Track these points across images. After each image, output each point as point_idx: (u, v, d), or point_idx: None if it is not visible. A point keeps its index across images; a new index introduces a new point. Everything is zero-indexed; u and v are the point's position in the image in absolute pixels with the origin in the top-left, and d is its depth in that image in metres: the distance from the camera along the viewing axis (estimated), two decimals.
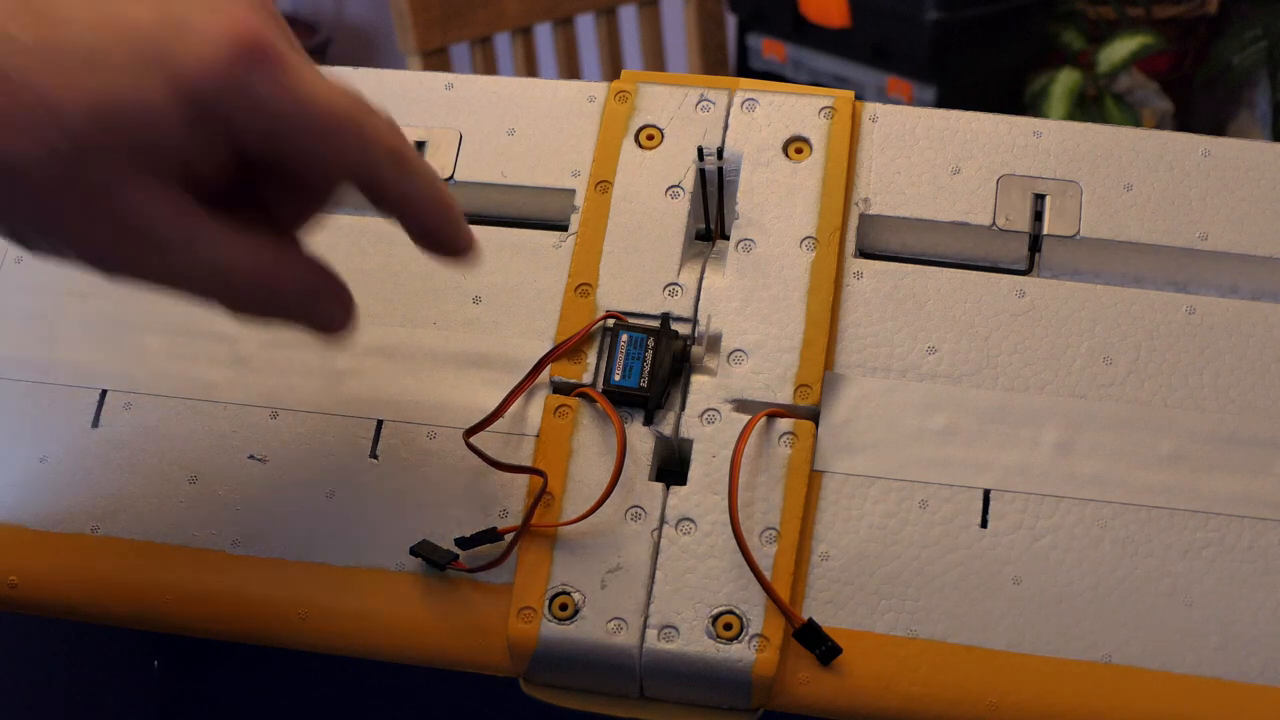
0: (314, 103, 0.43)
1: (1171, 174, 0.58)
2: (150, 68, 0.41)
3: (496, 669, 0.53)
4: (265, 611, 0.54)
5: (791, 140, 0.59)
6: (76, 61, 0.41)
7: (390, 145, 0.45)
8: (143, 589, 0.54)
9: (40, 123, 0.40)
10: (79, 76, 0.41)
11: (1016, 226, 0.58)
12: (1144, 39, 1.80)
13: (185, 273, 0.44)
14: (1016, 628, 0.52)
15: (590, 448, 0.55)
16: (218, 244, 0.44)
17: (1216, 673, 0.51)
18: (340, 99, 0.44)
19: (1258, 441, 0.54)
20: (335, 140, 0.44)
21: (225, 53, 0.42)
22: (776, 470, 0.54)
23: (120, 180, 0.42)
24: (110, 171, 0.42)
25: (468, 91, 0.62)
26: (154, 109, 0.41)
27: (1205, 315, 0.56)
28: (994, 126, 0.60)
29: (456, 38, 1.66)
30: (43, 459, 0.57)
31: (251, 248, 0.45)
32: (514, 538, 0.53)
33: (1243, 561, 0.52)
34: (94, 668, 0.68)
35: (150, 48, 0.41)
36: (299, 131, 0.43)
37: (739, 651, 0.51)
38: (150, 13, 0.42)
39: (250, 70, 0.42)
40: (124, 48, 0.41)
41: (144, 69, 0.41)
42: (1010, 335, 0.56)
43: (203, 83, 0.42)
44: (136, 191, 0.42)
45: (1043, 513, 0.53)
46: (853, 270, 0.58)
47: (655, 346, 0.55)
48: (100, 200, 0.42)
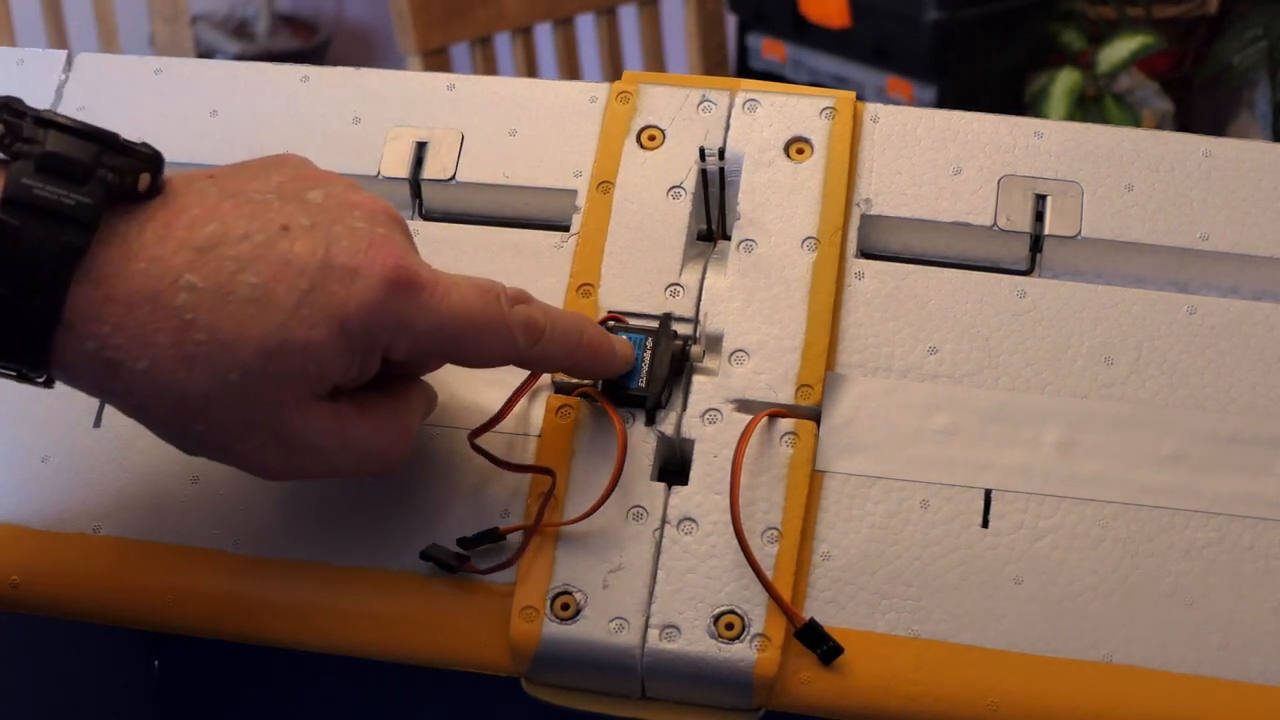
0: (455, 315, 0.49)
1: (1172, 174, 0.58)
2: (313, 308, 0.46)
3: (498, 669, 0.53)
4: (266, 612, 0.54)
5: (793, 141, 0.59)
6: (245, 305, 0.46)
7: (524, 323, 0.51)
8: (144, 589, 0.54)
9: (216, 359, 0.46)
10: (250, 317, 0.46)
11: (1018, 227, 0.58)
12: (1144, 39, 1.80)
13: (341, 468, 0.50)
14: (1017, 627, 0.52)
15: (592, 448, 0.55)
16: (364, 438, 0.50)
17: (1217, 672, 0.51)
18: (475, 302, 0.49)
19: (1259, 441, 0.54)
20: (474, 342, 0.50)
21: (379, 289, 0.47)
22: (778, 470, 0.54)
23: (283, 404, 0.47)
24: (276, 398, 0.47)
25: (470, 92, 0.62)
26: (316, 344, 0.47)
27: (1206, 315, 0.56)
28: (995, 127, 0.60)
29: (456, 38, 1.66)
30: (45, 459, 0.57)
31: (391, 433, 0.51)
32: (526, 536, 0.53)
33: (1244, 561, 0.53)
34: (94, 668, 0.68)
35: (312, 290, 0.47)
36: (443, 341, 0.49)
37: (740, 651, 0.51)
38: (310, 254, 0.47)
39: (401, 302, 0.48)
40: (288, 289, 0.46)
41: (307, 309, 0.46)
42: (1011, 335, 0.56)
43: (361, 318, 0.47)
44: (297, 412, 0.48)
45: (1044, 513, 0.54)
46: (854, 270, 0.58)
47: (654, 347, 0.55)
48: (266, 424, 0.47)
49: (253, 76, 0.64)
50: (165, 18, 1.77)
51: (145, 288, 0.45)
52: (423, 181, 0.61)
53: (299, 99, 0.63)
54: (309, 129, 0.62)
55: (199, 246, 0.46)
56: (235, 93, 0.63)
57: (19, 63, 0.65)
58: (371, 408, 0.50)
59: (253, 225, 0.47)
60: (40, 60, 0.65)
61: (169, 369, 0.45)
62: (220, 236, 0.46)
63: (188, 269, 0.46)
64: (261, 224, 0.47)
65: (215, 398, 0.46)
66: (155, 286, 0.45)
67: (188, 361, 0.45)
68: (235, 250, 0.46)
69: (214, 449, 0.48)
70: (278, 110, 0.63)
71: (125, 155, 0.46)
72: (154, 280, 0.45)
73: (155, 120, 0.63)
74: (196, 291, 0.45)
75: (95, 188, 0.45)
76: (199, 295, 0.45)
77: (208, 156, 0.62)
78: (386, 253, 0.48)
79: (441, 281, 0.49)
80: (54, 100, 0.64)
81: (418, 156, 0.61)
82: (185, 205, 0.47)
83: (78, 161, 0.45)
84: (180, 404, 0.46)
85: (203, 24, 2.55)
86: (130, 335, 0.45)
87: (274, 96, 0.63)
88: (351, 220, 0.48)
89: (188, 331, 0.45)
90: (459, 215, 0.61)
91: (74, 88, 0.64)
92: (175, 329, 0.45)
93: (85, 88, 0.64)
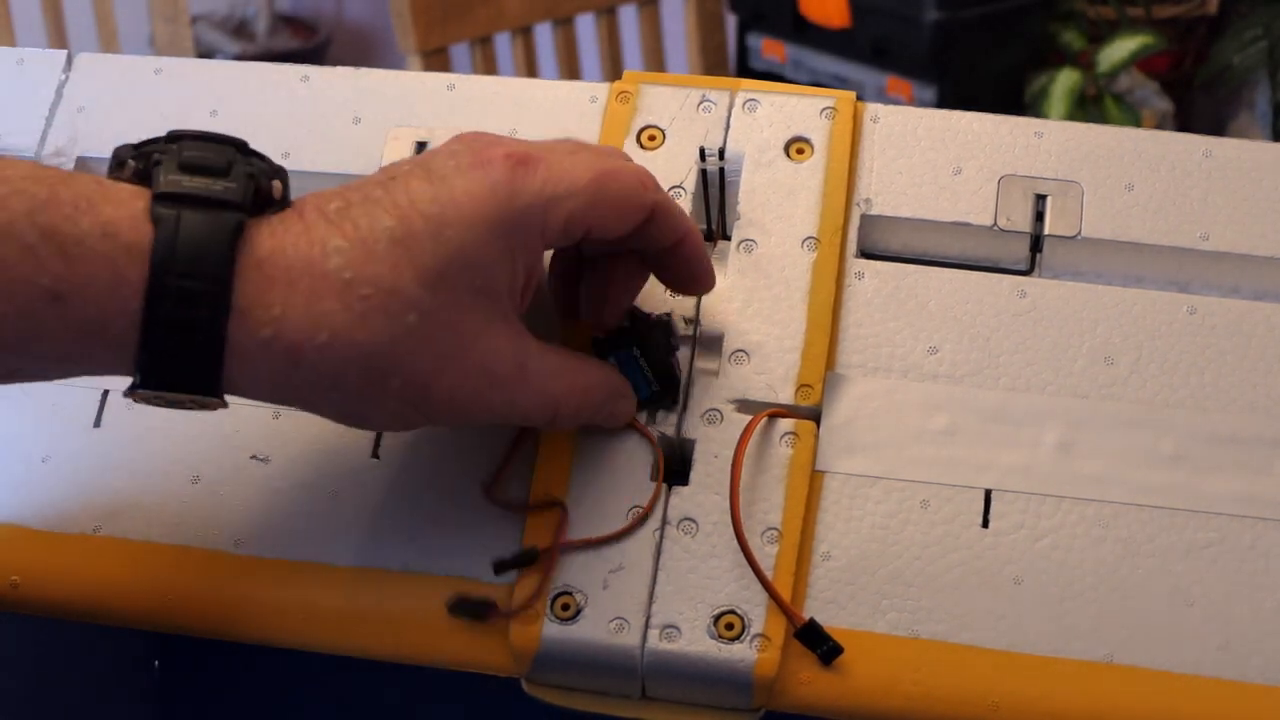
0: (580, 173, 0.49)
1: (1173, 174, 0.58)
2: (450, 224, 0.47)
3: (499, 669, 0.53)
4: (266, 612, 0.54)
5: (793, 141, 0.59)
6: (394, 245, 0.47)
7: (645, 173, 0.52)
8: (144, 589, 0.54)
9: (386, 306, 0.46)
10: (400, 257, 0.47)
11: (1018, 227, 0.58)
12: (1144, 39, 1.80)
13: (522, 406, 0.50)
14: (1018, 627, 0.52)
15: (592, 450, 0.55)
16: (546, 374, 0.51)
17: (1218, 672, 0.51)
18: (595, 159, 0.50)
19: (1259, 441, 0.54)
20: (613, 192, 0.50)
21: (500, 175, 0.48)
22: (778, 470, 0.54)
23: (467, 329, 0.48)
24: (458, 324, 0.48)
25: (470, 92, 0.62)
26: (471, 254, 0.47)
27: (1206, 315, 0.56)
28: (995, 127, 0.60)
29: (456, 38, 1.66)
30: (45, 459, 0.57)
31: (570, 371, 0.52)
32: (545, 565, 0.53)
33: (1244, 561, 0.53)
34: (94, 668, 0.68)
35: (444, 209, 0.47)
36: (584, 203, 0.49)
37: (741, 651, 0.51)
38: (429, 184, 0.48)
39: (528, 176, 0.48)
40: (423, 219, 0.47)
41: (448, 229, 0.47)
42: (1011, 335, 0.56)
43: (498, 214, 0.48)
44: (481, 335, 0.48)
45: (1044, 513, 0.54)
46: (854, 270, 0.58)
47: (644, 353, 0.55)
48: (456, 355, 0.48)
49: (253, 76, 0.64)
50: (165, 18, 1.77)
51: (299, 261, 0.46)
52: None
53: (299, 99, 0.63)
54: (309, 129, 0.62)
55: (330, 217, 0.47)
56: (235, 93, 0.63)
57: (19, 63, 0.65)
58: (554, 350, 0.51)
59: (366, 187, 0.48)
60: (40, 60, 0.65)
61: (346, 332, 0.46)
62: (344, 200, 0.47)
63: (329, 235, 0.46)
64: (375, 181, 0.48)
65: (403, 344, 0.46)
66: (307, 257, 0.46)
67: (362, 318, 0.46)
68: (361, 208, 0.47)
69: (410, 402, 0.48)
70: (278, 110, 0.63)
71: (258, 158, 0.48)
72: (304, 252, 0.46)
73: (155, 120, 0.62)
74: (344, 252, 0.46)
75: (239, 177, 0.47)
76: (348, 254, 0.46)
77: None
78: (492, 147, 0.49)
79: (553, 152, 0.50)
80: (54, 100, 0.64)
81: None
82: (304, 199, 0.48)
83: (217, 160, 0.47)
84: (369, 363, 0.46)
85: (203, 24, 2.56)
86: (300, 310, 0.46)
87: (274, 96, 0.63)
88: (449, 150, 0.49)
89: (352, 290, 0.46)
90: None
91: (74, 88, 0.64)
92: (339, 291, 0.46)
93: (85, 88, 0.64)
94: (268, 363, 0.46)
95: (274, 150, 0.61)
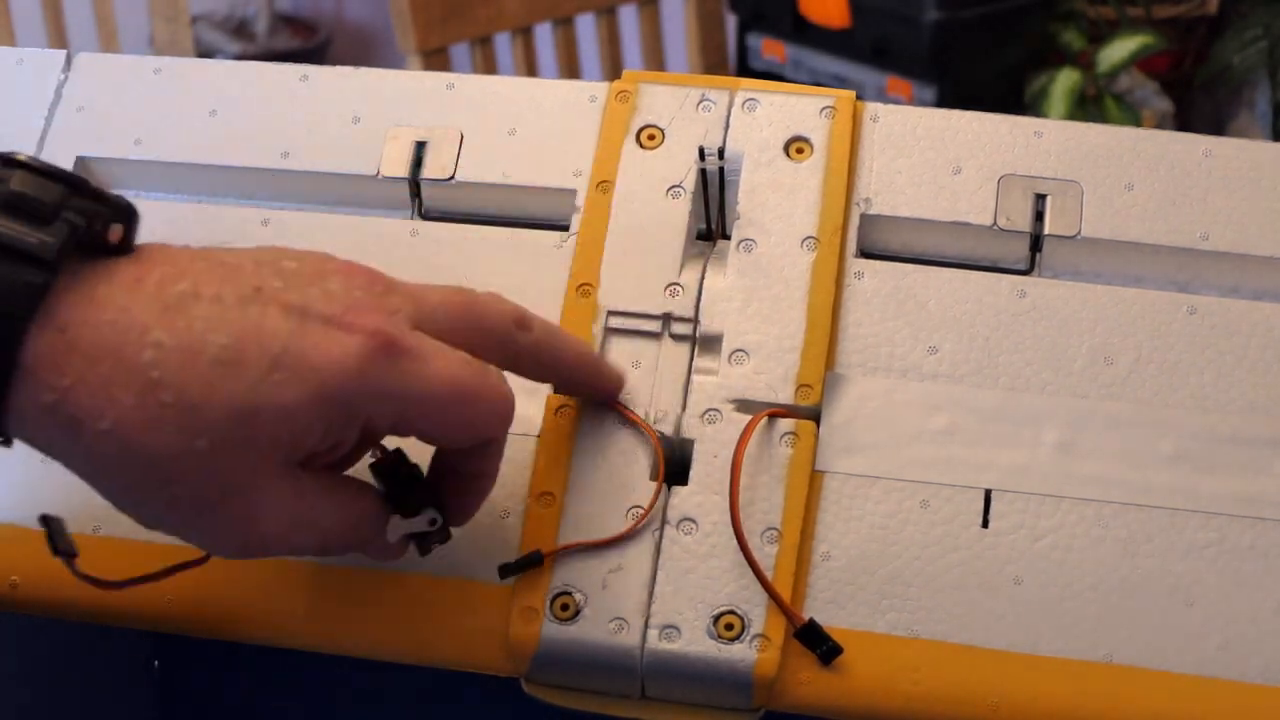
0: (442, 382, 0.47)
1: (1172, 174, 0.58)
2: (286, 370, 0.44)
3: (498, 669, 0.53)
4: (266, 611, 0.54)
5: (792, 140, 0.59)
6: (214, 365, 0.44)
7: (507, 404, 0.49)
8: (144, 589, 0.54)
9: (181, 422, 0.43)
10: (219, 378, 0.44)
11: (1017, 226, 0.58)
12: (1144, 39, 1.80)
13: (297, 546, 0.48)
14: (1017, 627, 0.52)
15: (591, 448, 0.55)
16: (327, 518, 0.48)
17: (1217, 672, 0.51)
18: (461, 369, 0.47)
19: (1259, 441, 0.54)
20: (462, 411, 0.48)
21: (357, 354, 0.45)
22: (778, 470, 0.54)
23: (256, 472, 0.45)
24: (247, 466, 0.45)
25: (469, 91, 0.62)
26: (290, 409, 0.44)
27: (1206, 315, 0.56)
28: (995, 126, 0.60)
29: (456, 38, 1.66)
30: (45, 458, 0.57)
31: (350, 518, 0.49)
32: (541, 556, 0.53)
33: (1244, 561, 0.52)
34: (94, 667, 0.68)
35: (284, 352, 0.44)
36: (429, 411, 0.47)
37: (740, 651, 0.51)
38: (286, 321, 0.45)
39: (383, 368, 0.45)
40: (259, 351, 0.44)
41: (280, 371, 0.44)
42: (1011, 335, 0.56)
43: (337, 384, 0.45)
44: (264, 484, 0.45)
45: (1044, 513, 0.53)
46: (854, 270, 0.58)
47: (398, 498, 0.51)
48: (236, 492, 0.45)
49: (253, 76, 0.64)
50: (165, 18, 1.77)
51: (111, 340, 0.43)
52: (422, 181, 0.61)
53: (299, 99, 0.63)
54: (309, 129, 0.62)
55: (168, 304, 0.44)
56: (235, 93, 0.63)
57: (19, 62, 0.65)
58: (337, 488, 0.48)
59: (224, 287, 0.45)
60: (40, 60, 0.65)
61: (132, 431, 0.43)
62: (191, 295, 0.44)
63: (156, 325, 0.43)
64: (234, 286, 0.45)
65: (181, 465, 0.44)
66: (121, 340, 0.43)
67: (152, 424, 0.43)
68: (206, 310, 0.44)
69: (175, 522, 0.46)
70: (278, 110, 0.63)
71: (95, 201, 0.45)
72: (120, 333, 0.43)
73: (155, 120, 0.63)
74: (163, 349, 0.43)
75: (60, 228, 0.43)
76: (166, 353, 0.43)
77: (208, 156, 0.62)
78: (366, 315, 0.46)
79: (425, 346, 0.47)
80: (53, 100, 0.64)
81: (417, 156, 0.61)
82: (156, 262, 0.45)
83: (42, 202, 0.43)
84: (145, 469, 0.44)
85: (203, 24, 2.56)
86: (92, 390, 0.43)
87: (274, 96, 0.63)
88: (327, 284, 0.46)
89: (154, 391, 0.43)
90: (458, 215, 0.61)
91: (74, 87, 0.64)
92: (140, 388, 0.43)
93: (85, 88, 0.64)
94: (46, 430, 0.44)
95: (274, 150, 0.62)
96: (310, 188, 0.62)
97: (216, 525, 0.46)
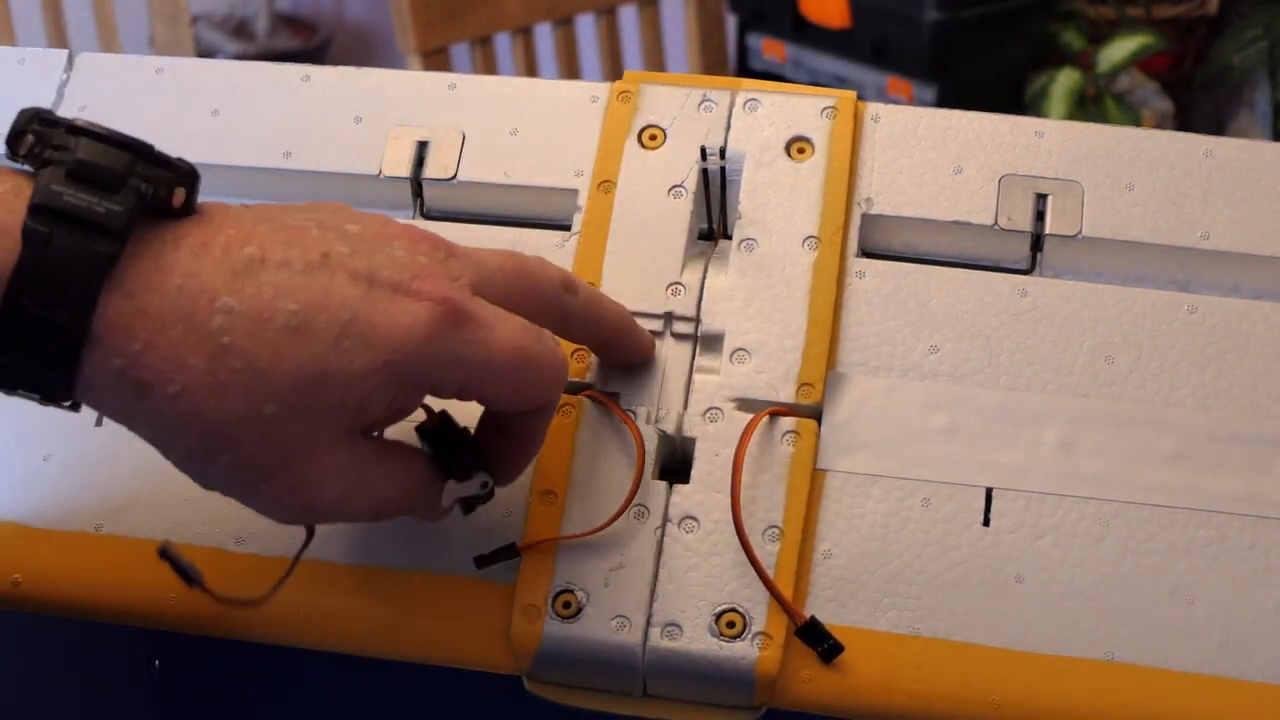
0: (502, 349, 0.47)
1: (1173, 174, 0.58)
2: (354, 338, 0.45)
3: (500, 667, 0.53)
4: (267, 611, 0.54)
5: (794, 140, 0.59)
6: (283, 331, 0.44)
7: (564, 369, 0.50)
8: (145, 588, 0.54)
9: (249, 387, 0.44)
10: (286, 345, 0.44)
11: (1018, 226, 0.58)
12: (1144, 39, 1.80)
13: (351, 513, 0.48)
14: (1018, 626, 0.52)
15: (593, 446, 0.55)
16: (383, 486, 0.48)
17: (1218, 671, 0.51)
18: (523, 334, 0.48)
19: (1259, 440, 0.54)
20: (524, 376, 0.48)
21: (426, 322, 0.45)
22: (779, 469, 0.54)
23: (318, 441, 0.45)
24: (310, 434, 0.45)
25: (471, 91, 0.62)
26: (357, 377, 0.45)
27: (1207, 315, 0.56)
28: (996, 126, 0.60)
29: (456, 38, 1.66)
30: (46, 457, 0.57)
31: (405, 484, 0.49)
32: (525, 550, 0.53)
33: (1244, 560, 0.53)
34: (94, 667, 0.68)
35: (353, 320, 0.45)
36: (494, 376, 0.47)
37: (742, 649, 0.51)
38: (354, 288, 0.45)
39: (449, 335, 0.46)
40: (329, 319, 0.44)
41: (348, 339, 0.45)
42: (1012, 334, 0.56)
43: (405, 352, 0.45)
44: (327, 451, 0.46)
45: (1045, 511, 0.54)
46: (855, 270, 0.58)
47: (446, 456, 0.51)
48: (296, 460, 0.45)
49: (253, 76, 0.64)
50: (165, 18, 1.77)
51: (180, 305, 0.43)
52: (424, 181, 0.61)
53: (299, 99, 0.63)
54: (309, 129, 0.62)
55: (236, 269, 0.44)
56: (235, 93, 0.63)
57: (20, 62, 0.65)
58: (392, 452, 0.49)
59: (291, 252, 0.45)
60: (41, 60, 0.65)
61: (201, 395, 0.43)
62: (258, 260, 0.45)
63: (225, 291, 0.44)
64: (300, 250, 0.45)
65: (247, 430, 0.44)
66: (190, 305, 0.43)
67: (221, 389, 0.43)
68: (274, 276, 0.44)
69: (236, 485, 0.46)
70: (278, 110, 0.63)
71: (160, 167, 0.45)
72: (189, 298, 0.43)
73: (155, 120, 0.63)
74: (233, 315, 0.44)
75: (128, 197, 0.44)
76: (235, 319, 0.44)
77: (208, 156, 0.62)
78: (433, 283, 0.46)
79: (487, 312, 0.47)
80: (55, 100, 0.64)
81: (419, 156, 0.61)
82: (221, 225, 0.45)
83: (110, 170, 0.44)
84: (209, 434, 0.44)
85: (203, 24, 2.56)
86: (162, 355, 0.43)
87: (274, 96, 0.63)
88: (392, 250, 0.47)
89: (223, 357, 0.43)
90: (460, 214, 0.61)
91: (75, 87, 0.64)
92: (210, 353, 0.43)
93: (86, 87, 0.64)
94: (116, 394, 0.44)
95: (274, 150, 0.62)
96: (312, 188, 0.62)
97: (278, 490, 0.46)
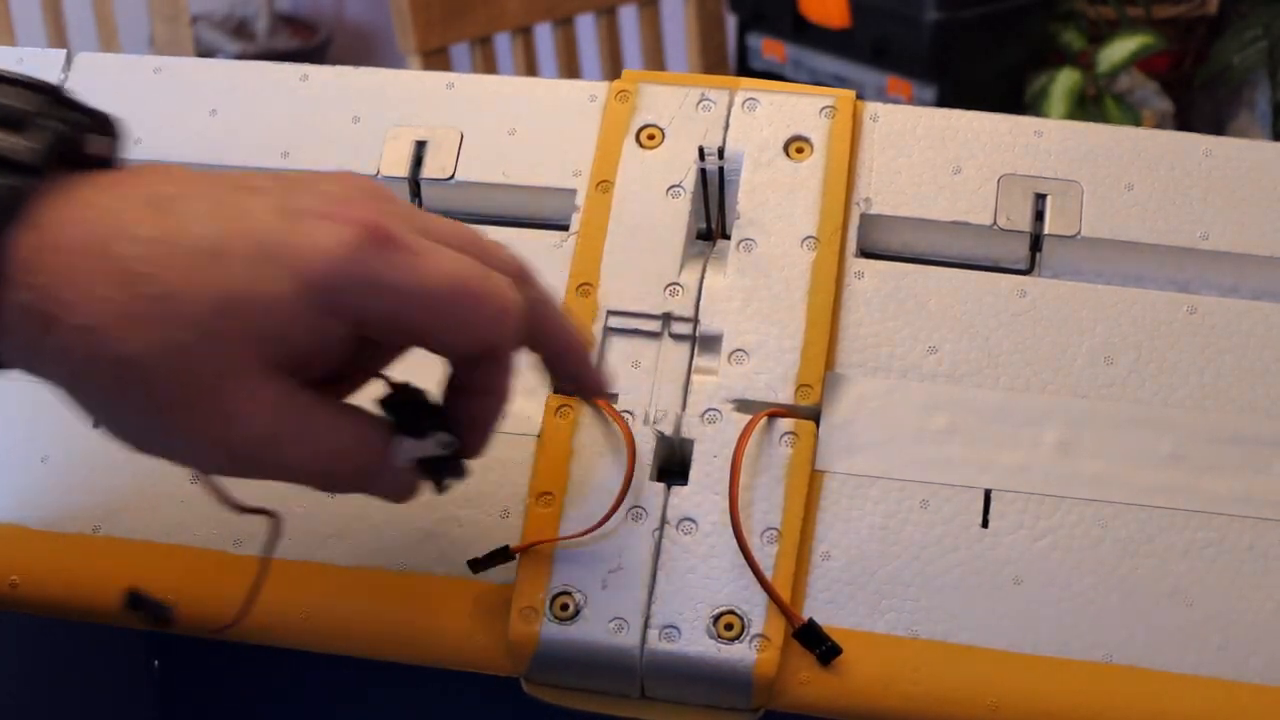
0: (434, 276, 0.44)
1: (1172, 174, 0.58)
2: (273, 260, 0.42)
3: (498, 669, 0.53)
4: (266, 612, 0.54)
5: (792, 140, 0.59)
6: (199, 255, 0.42)
7: (513, 306, 0.46)
8: (144, 589, 0.54)
9: (163, 314, 0.41)
10: (201, 269, 0.42)
11: (1017, 226, 0.58)
12: (1144, 39, 1.80)
13: (294, 463, 0.45)
14: (1017, 627, 0.52)
15: (591, 447, 0.55)
16: (322, 431, 0.45)
17: (1217, 672, 0.51)
18: (462, 265, 0.44)
19: (1258, 441, 0.54)
20: (458, 310, 0.45)
21: (349, 241, 0.43)
22: (777, 470, 0.54)
23: (236, 371, 0.42)
24: (227, 363, 0.42)
25: (469, 91, 0.62)
26: (276, 300, 0.42)
27: (1206, 315, 0.56)
28: (995, 126, 0.60)
29: (456, 38, 1.66)
30: (44, 459, 0.57)
31: (348, 438, 0.46)
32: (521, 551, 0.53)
33: (1243, 561, 0.52)
34: (94, 668, 0.68)
35: (272, 241, 0.42)
36: (424, 308, 0.44)
37: (740, 651, 0.51)
38: (271, 209, 0.43)
39: (375, 257, 0.43)
40: (246, 241, 0.42)
41: (266, 261, 0.42)
42: (1011, 335, 0.56)
43: (325, 272, 0.42)
44: (245, 382, 0.43)
45: (1043, 513, 0.54)
46: (854, 270, 0.58)
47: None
48: (213, 393, 0.42)
49: (253, 76, 0.64)
50: (165, 17, 1.77)
51: (91, 235, 0.41)
52: (422, 180, 0.61)
53: (299, 98, 0.63)
54: (309, 128, 0.62)
55: (154, 204, 0.42)
56: (235, 92, 0.63)
57: (19, 62, 0.65)
58: (334, 403, 0.46)
59: (215, 189, 0.43)
60: (40, 59, 0.65)
61: (112, 325, 0.41)
62: (179, 195, 0.43)
63: (140, 221, 0.42)
64: (224, 187, 0.44)
65: (162, 360, 0.41)
66: (102, 235, 0.41)
67: (133, 318, 0.41)
68: (192, 206, 0.42)
69: (152, 427, 0.43)
70: (278, 110, 0.63)
71: (73, 110, 0.43)
72: (102, 229, 0.41)
73: (155, 120, 0.63)
74: (147, 242, 0.41)
75: (42, 134, 0.42)
76: (149, 246, 0.41)
77: (208, 156, 0.62)
78: (359, 208, 0.44)
79: (420, 242, 0.44)
80: None
81: (417, 155, 0.61)
82: (144, 171, 0.44)
83: (21, 110, 0.42)
84: (120, 366, 0.41)
85: (203, 24, 2.56)
86: (72, 286, 0.41)
87: (274, 96, 0.63)
88: (320, 185, 0.45)
89: (135, 284, 0.41)
90: (459, 214, 0.61)
91: (74, 87, 0.64)
92: (123, 281, 0.41)
93: (85, 87, 0.64)
94: (22, 325, 0.41)
95: (272, 150, 0.62)
96: None
97: (197, 426, 0.43)
